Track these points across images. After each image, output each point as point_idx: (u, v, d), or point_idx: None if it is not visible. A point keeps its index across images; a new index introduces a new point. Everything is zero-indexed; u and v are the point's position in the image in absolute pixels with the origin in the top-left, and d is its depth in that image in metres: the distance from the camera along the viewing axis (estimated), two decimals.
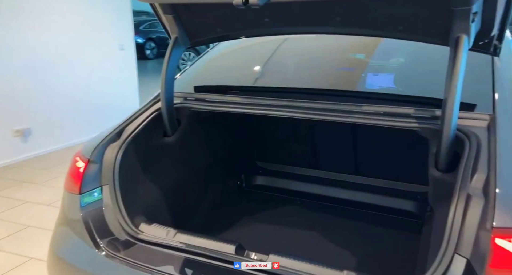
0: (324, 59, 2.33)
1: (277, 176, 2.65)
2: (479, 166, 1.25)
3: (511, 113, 1.48)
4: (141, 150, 1.85)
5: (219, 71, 2.40)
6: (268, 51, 2.45)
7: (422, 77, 2.02)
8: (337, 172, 2.51)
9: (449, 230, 1.16)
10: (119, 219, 1.63)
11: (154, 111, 1.92)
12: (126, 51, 5.80)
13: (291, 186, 2.57)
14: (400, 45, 2.12)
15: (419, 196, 2.28)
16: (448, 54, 1.60)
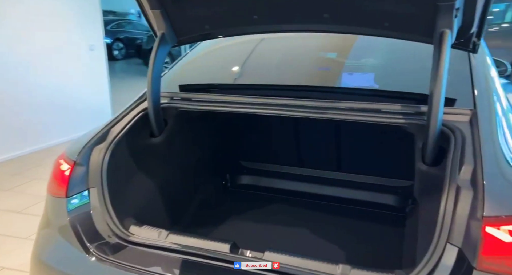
0: (306, 57, 2.37)
1: (261, 174, 2.67)
2: (466, 159, 1.32)
3: (490, 108, 1.56)
4: (128, 151, 1.82)
5: (202, 70, 2.40)
6: (248, 50, 2.47)
7: (400, 74, 2.09)
8: (320, 169, 2.56)
9: (441, 221, 1.21)
10: (109, 221, 1.60)
11: (140, 112, 1.89)
12: (96, 51, 5.66)
13: (276, 184, 2.59)
14: (376, 43, 2.20)
15: (399, 190, 2.36)
16: (423, 52, 1.68)
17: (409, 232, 1.97)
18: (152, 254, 1.49)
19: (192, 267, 1.42)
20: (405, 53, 2.17)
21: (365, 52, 2.35)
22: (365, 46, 2.33)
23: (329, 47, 2.44)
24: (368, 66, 2.32)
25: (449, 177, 1.27)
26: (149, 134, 1.95)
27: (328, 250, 1.95)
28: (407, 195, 2.30)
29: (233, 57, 2.46)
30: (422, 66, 2.08)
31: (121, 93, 7.21)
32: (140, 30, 14.15)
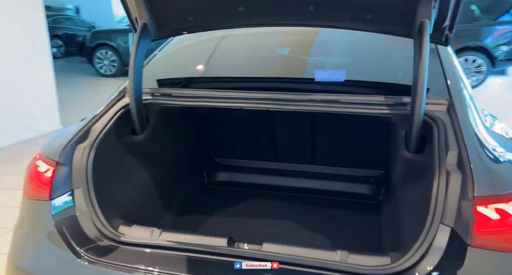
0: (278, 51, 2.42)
1: (237, 171, 2.68)
2: (450, 145, 1.43)
3: (462, 97, 1.69)
4: (111, 150, 1.76)
5: (176, 66, 2.37)
6: (219, 45, 2.47)
7: (372, 66, 2.19)
8: (295, 163, 2.63)
9: (433, 203, 1.30)
10: (97, 223, 1.54)
11: (120, 109, 1.84)
12: (40, 48, 5.31)
13: (253, 180, 2.62)
14: (343, 37, 2.30)
15: (372, 180, 2.49)
16: (388, 45, 1.75)
17: (386, 217, 2.09)
18: (147, 253, 1.47)
19: (191, 264, 1.42)
20: (370, 46, 2.29)
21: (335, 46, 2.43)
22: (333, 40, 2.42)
23: (301, 41, 2.49)
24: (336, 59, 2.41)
25: (437, 162, 1.37)
26: (131, 132, 1.89)
27: (314, 239, 2.02)
28: (379, 184, 2.43)
29: (207, 52, 2.46)
30: (387, 58, 2.21)
31: (68, 93, 6.88)
32: (80, 27, 13.47)
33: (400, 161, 1.70)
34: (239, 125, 2.63)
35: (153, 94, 1.93)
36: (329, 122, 2.44)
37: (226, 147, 2.74)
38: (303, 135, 2.54)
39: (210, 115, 2.50)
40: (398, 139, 1.69)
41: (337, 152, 2.54)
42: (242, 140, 2.69)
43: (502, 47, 7.65)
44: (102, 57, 9.01)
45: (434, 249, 1.26)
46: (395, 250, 1.68)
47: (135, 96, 1.78)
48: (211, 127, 2.61)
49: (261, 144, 2.64)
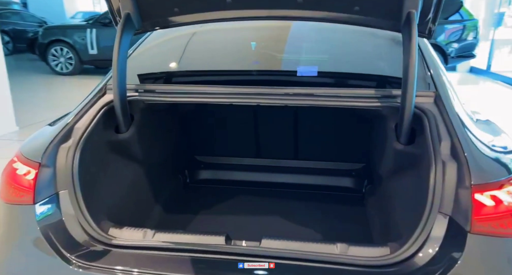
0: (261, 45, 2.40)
1: (219, 168, 2.65)
2: (442, 135, 1.47)
3: (446, 88, 1.74)
4: (95, 149, 1.68)
5: (156, 61, 2.29)
6: (199, 39, 2.43)
7: (355, 59, 2.20)
8: (278, 158, 2.63)
9: (431, 193, 1.34)
10: (85, 226, 1.47)
11: (103, 106, 1.75)
12: None
13: (235, 177, 2.60)
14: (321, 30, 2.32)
15: (353, 173, 2.54)
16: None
17: (373, 209, 2.14)
18: (142, 256, 1.42)
19: (190, 264, 1.38)
20: (352, 39, 2.31)
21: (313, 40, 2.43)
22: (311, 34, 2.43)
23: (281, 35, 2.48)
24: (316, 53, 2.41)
25: (432, 153, 1.41)
26: (115, 130, 1.82)
27: (305, 233, 2.03)
28: (361, 177, 2.48)
29: (185, 47, 2.40)
30: (369, 51, 2.25)
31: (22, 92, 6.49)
32: (30, 22, 12.76)
33: (390, 153, 1.74)
34: (221, 122, 2.60)
35: (137, 90, 1.86)
36: (312, 116, 2.46)
37: (207, 145, 2.69)
38: (286, 131, 2.55)
39: (192, 112, 2.45)
40: (388, 131, 1.73)
41: (319, 146, 2.57)
42: (224, 137, 2.66)
43: (453, 45, 8.04)
44: (57, 55, 8.57)
45: (433, 238, 1.30)
46: (386, 240, 1.72)
47: (120, 93, 1.70)
48: (192, 124, 2.56)
49: (243, 140, 2.63)
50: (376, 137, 2.09)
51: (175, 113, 2.33)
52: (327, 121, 2.47)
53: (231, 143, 2.66)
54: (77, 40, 8.34)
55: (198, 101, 1.82)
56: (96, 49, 8.25)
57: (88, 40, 8.23)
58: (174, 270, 1.35)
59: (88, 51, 8.30)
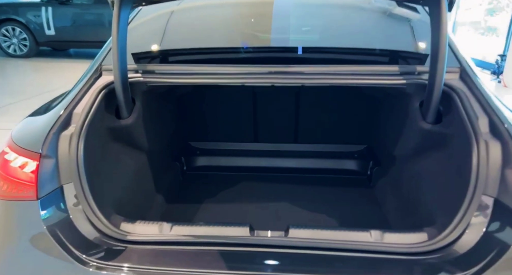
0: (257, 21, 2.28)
1: (216, 154, 2.55)
2: (477, 112, 1.42)
3: (469, 62, 1.69)
4: (97, 137, 1.54)
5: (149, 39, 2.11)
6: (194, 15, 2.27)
7: (369, 33, 2.09)
8: (277, 143, 2.55)
9: (474, 174, 1.28)
10: (96, 222, 1.35)
11: (102, 89, 1.60)
12: None
13: (233, 163, 2.50)
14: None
15: (355, 155, 2.51)
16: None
17: (385, 191, 2.11)
18: (161, 251, 1.32)
19: (214, 258, 1.28)
20: (352, 14, 2.21)
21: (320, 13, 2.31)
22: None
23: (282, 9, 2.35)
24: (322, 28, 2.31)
25: (471, 131, 1.36)
26: (116, 116, 1.67)
27: (317, 219, 1.97)
28: (364, 158, 2.46)
29: (178, 24, 2.23)
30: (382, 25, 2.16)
31: None
32: None
33: (414, 133, 1.69)
34: (217, 105, 2.48)
35: (137, 71, 1.71)
36: (315, 97, 2.39)
37: (202, 129, 2.57)
38: (287, 113, 2.47)
39: (187, 95, 2.31)
40: (411, 110, 1.68)
41: (320, 129, 2.52)
42: (220, 121, 2.55)
43: None
44: (9, 35, 7.96)
45: (477, 222, 1.25)
46: (407, 224, 1.69)
47: (121, 74, 1.55)
48: (187, 108, 2.42)
49: (241, 124, 2.52)
50: (390, 117, 2.04)
51: (172, 96, 2.19)
52: (330, 102, 2.41)
53: (228, 127, 2.55)
54: (31, 19, 7.76)
55: (205, 83, 1.69)
56: (54, 30, 7.72)
57: (44, 20, 7.67)
58: (199, 266, 1.25)
59: (45, 32, 7.75)
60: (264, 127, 2.52)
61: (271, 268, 1.25)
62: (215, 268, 1.24)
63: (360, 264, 1.26)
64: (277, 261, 1.27)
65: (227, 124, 2.55)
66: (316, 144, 2.55)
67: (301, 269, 1.23)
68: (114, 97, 1.62)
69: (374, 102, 2.28)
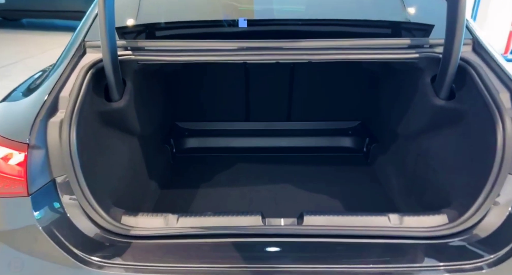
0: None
1: (206, 135, 2.44)
2: (497, 86, 1.37)
3: (480, 34, 1.63)
4: (89, 123, 1.41)
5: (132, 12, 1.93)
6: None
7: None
8: (269, 121, 2.47)
9: (500, 153, 1.25)
10: (95, 217, 1.25)
11: (89, 68, 1.44)
12: None
13: (224, 143, 2.41)
14: None
15: (350, 131, 2.47)
16: None
17: (384, 169, 2.10)
18: (169, 246, 1.24)
19: (228, 251, 1.21)
20: None
21: None
22: None
23: None
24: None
25: (494, 108, 1.31)
26: (106, 98, 1.53)
27: (319, 201, 1.93)
28: (360, 135, 2.42)
29: None
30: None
31: None
32: None
33: (426, 110, 1.63)
34: (207, 82, 2.35)
35: (127, 48, 1.56)
36: (310, 73, 2.30)
37: (190, 109, 2.44)
38: (280, 90, 2.37)
39: (175, 73, 2.17)
40: (423, 86, 1.62)
41: (313, 106, 2.44)
42: (209, 99, 2.42)
43: None
44: None
45: (503, 202, 1.23)
46: (420, 205, 1.67)
47: (110, 52, 1.40)
48: (174, 86, 2.28)
49: (232, 102, 2.41)
50: (392, 92, 1.99)
51: (161, 74, 2.05)
52: (325, 77, 2.33)
53: (218, 106, 2.44)
54: None
55: (205, 60, 1.55)
56: None
57: None
58: (215, 261, 1.18)
59: None
60: (256, 106, 2.42)
61: (290, 258, 1.20)
62: (234, 262, 1.17)
63: (382, 251, 1.22)
64: (296, 251, 1.22)
65: (217, 103, 2.43)
66: (310, 121, 2.48)
67: (323, 258, 1.19)
68: (103, 78, 1.48)
69: (372, 77, 2.22)
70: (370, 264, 1.16)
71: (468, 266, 1.15)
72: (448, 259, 1.17)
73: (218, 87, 2.38)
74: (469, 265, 1.15)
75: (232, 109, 2.44)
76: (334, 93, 2.42)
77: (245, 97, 2.38)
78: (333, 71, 2.28)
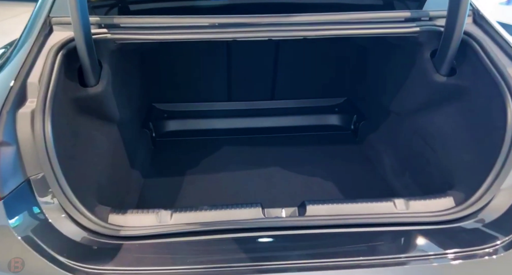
0: None
1: (185, 116, 2.32)
2: (504, 61, 1.31)
3: (478, 6, 1.55)
4: (64, 112, 1.28)
5: None
6: None
7: None
8: (252, 101, 2.37)
9: (510, 132, 1.20)
10: (79, 219, 1.13)
11: (59, 49, 1.29)
12: None
13: (206, 125, 2.30)
14: None
15: (336, 109, 2.41)
16: None
17: (373, 147, 2.05)
18: (165, 245, 1.14)
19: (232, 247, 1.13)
20: None
21: None
22: None
23: None
24: None
25: (503, 84, 1.26)
26: (80, 83, 1.39)
27: (313, 185, 1.87)
28: (347, 112, 2.36)
29: None
30: None
31: None
32: None
33: (425, 86, 1.57)
34: (186, 60, 2.21)
35: (101, 25, 1.40)
36: (296, 49, 2.20)
37: (168, 89, 2.30)
38: (265, 68, 2.26)
39: (152, 51, 2.02)
40: (422, 61, 1.55)
41: (298, 84, 2.36)
42: (189, 78, 2.29)
43: None
44: None
45: (510, 183, 1.19)
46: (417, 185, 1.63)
47: (83, 30, 1.25)
48: (151, 65, 2.13)
49: (213, 81, 2.29)
50: (384, 68, 1.92)
51: (137, 53, 1.90)
52: (311, 53, 2.24)
53: (198, 85, 2.31)
54: None
55: (190, 38, 1.42)
56: None
57: None
58: (217, 260, 1.10)
59: None
60: (238, 85, 2.31)
61: (299, 253, 1.13)
62: (238, 260, 1.09)
63: (393, 239, 1.17)
64: (303, 245, 1.15)
65: (197, 82, 2.30)
66: (294, 99, 2.41)
67: (333, 250, 1.13)
68: (75, 60, 1.33)
69: (361, 52, 2.14)
70: (382, 255, 1.10)
71: (481, 251, 1.11)
72: (461, 244, 1.13)
73: (198, 65, 2.25)
74: (483, 249, 1.11)
75: (213, 89, 2.33)
76: (319, 69, 2.34)
77: (227, 75, 2.26)
78: (319, 46, 2.19)
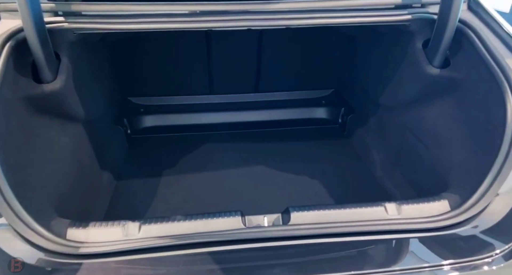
0: None
1: (164, 111, 2.19)
2: (502, 51, 1.23)
3: None
4: (12, 112, 1.15)
5: None
6: None
7: None
8: (235, 93, 2.25)
9: (510, 129, 1.12)
10: (31, 237, 1.01)
11: (6, 40, 1.17)
12: None
13: (186, 120, 2.18)
14: None
15: (323, 101, 2.31)
16: None
17: (362, 142, 1.96)
18: (132, 263, 1.03)
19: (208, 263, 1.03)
20: None
21: None
22: None
23: None
24: None
25: (502, 76, 1.17)
26: (34, 79, 1.26)
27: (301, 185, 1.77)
28: (334, 105, 2.26)
29: None
30: None
31: None
32: None
33: (418, 78, 1.48)
34: (162, 51, 2.08)
35: (57, 13, 1.27)
36: (280, 38, 2.09)
37: (144, 82, 2.18)
38: (247, 58, 2.15)
39: (123, 41, 1.89)
40: (413, 52, 1.46)
41: (283, 75, 2.26)
42: (166, 70, 2.16)
43: None
44: None
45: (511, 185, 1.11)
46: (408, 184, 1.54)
47: (34, 18, 1.12)
48: (123, 56, 2.00)
49: (192, 73, 2.17)
50: (373, 59, 1.82)
51: (106, 43, 1.76)
52: (296, 43, 2.13)
53: (177, 77, 2.18)
54: None
55: (158, 28, 1.31)
56: None
57: None
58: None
59: None
60: (220, 76, 2.19)
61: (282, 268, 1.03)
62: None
63: (384, 249, 1.09)
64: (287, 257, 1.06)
65: (176, 74, 2.17)
66: (279, 91, 2.30)
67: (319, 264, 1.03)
68: (27, 52, 1.20)
69: (349, 41, 2.03)
70: (373, 268, 1.01)
71: (479, 261, 1.02)
72: (458, 253, 1.04)
73: (175, 56, 2.12)
74: (481, 259, 1.03)
75: (193, 81, 2.20)
76: (305, 59, 2.23)
77: (208, 66, 2.14)
78: (305, 36, 2.07)
